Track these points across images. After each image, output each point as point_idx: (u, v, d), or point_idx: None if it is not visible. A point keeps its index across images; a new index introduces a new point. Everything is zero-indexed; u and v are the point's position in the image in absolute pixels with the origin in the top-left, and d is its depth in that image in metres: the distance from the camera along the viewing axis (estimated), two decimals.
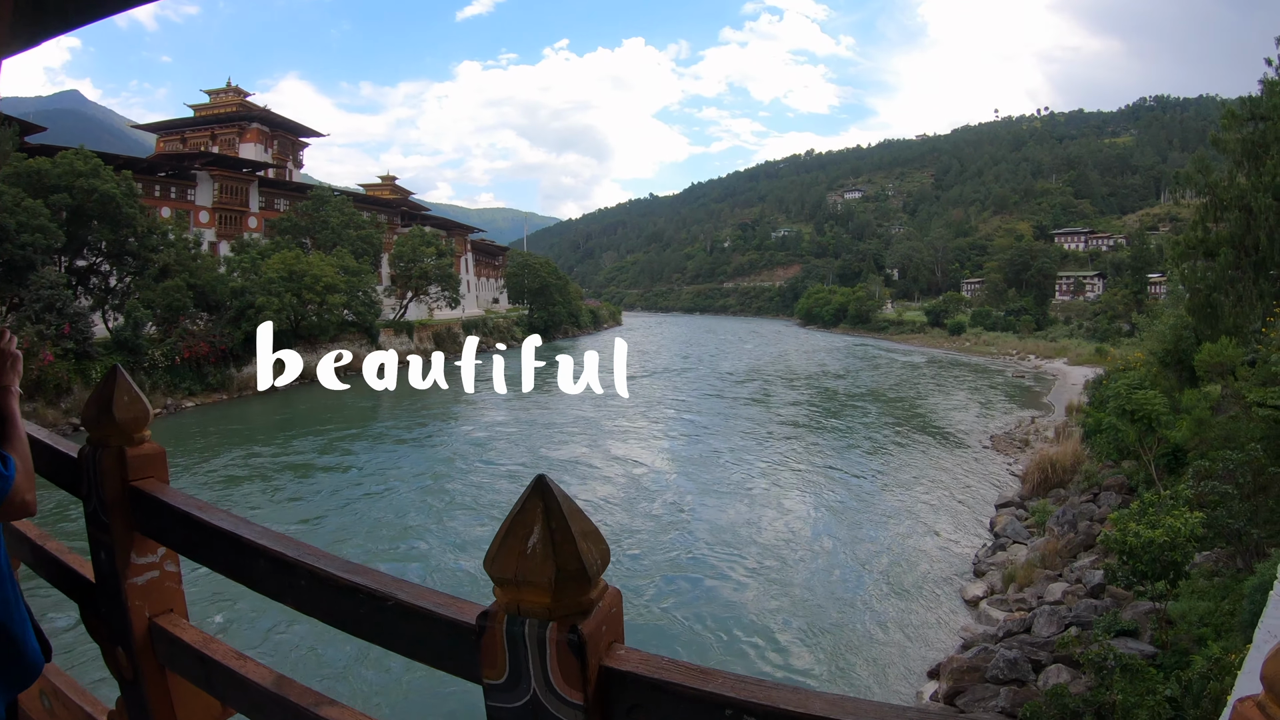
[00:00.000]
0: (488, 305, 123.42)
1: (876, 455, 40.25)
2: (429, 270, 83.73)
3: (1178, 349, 28.55)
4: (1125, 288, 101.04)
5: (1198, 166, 29.68)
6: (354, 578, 2.14)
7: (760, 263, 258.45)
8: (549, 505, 1.65)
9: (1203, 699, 10.51)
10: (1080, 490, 28.29)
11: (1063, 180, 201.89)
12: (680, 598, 22.54)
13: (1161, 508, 15.11)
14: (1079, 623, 17.24)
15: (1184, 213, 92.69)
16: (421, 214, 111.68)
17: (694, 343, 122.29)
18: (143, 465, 2.90)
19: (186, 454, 36.08)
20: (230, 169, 78.04)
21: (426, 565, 24.81)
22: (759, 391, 65.78)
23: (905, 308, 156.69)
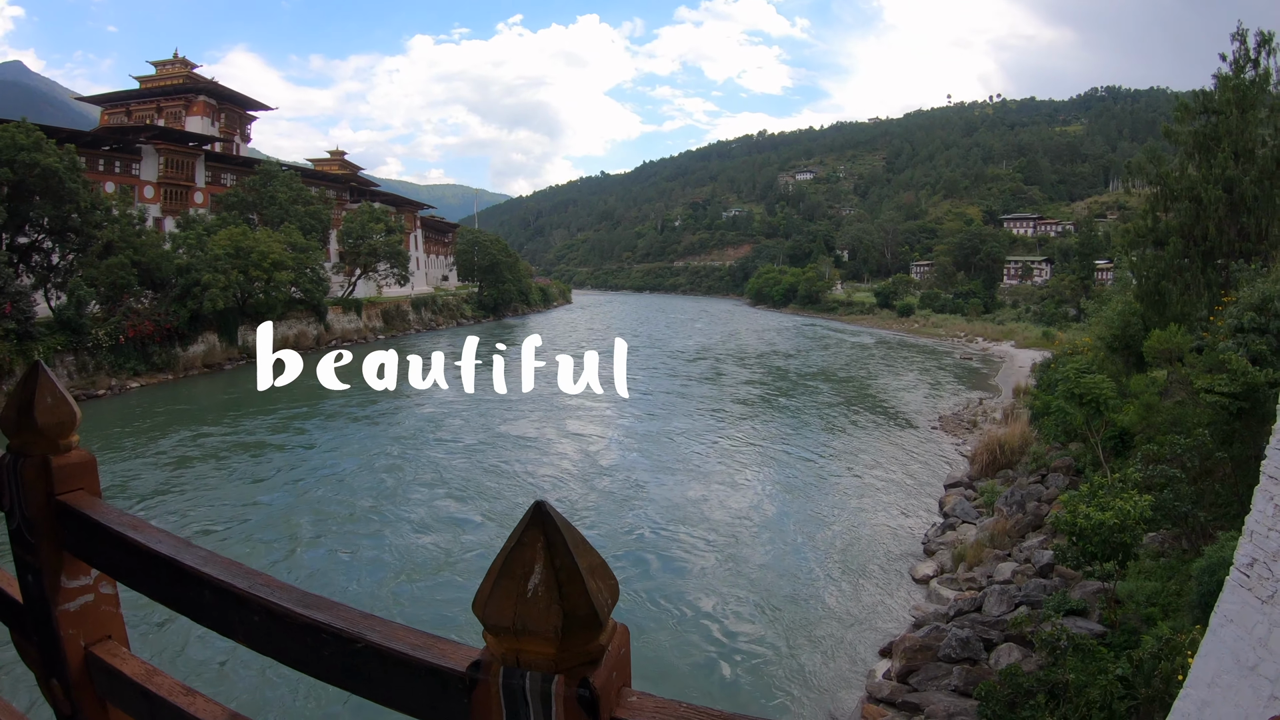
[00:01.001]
0: (437, 283, 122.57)
1: (827, 434, 40.59)
2: (378, 247, 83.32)
3: (1125, 334, 29.01)
4: (1072, 273, 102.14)
5: (1149, 157, 30.18)
6: (315, 614, 1.85)
7: (711, 242, 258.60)
8: (551, 538, 1.41)
9: (1153, 678, 10.73)
10: (1028, 471, 28.71)
11: (1013, 166, 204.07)
12: (638, 574, 22.66)
13: (1111, 490, 15.32)
14: (1029, 602, 17.51)
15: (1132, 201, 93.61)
16: (371, 190, 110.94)
17: (645, 321, 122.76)
18: (70, 476, 2.55)
19: (135, 436, 35.50)
20: (176, 143, 76.39)
21: (381, 544, 24.83)
22: (711, 370, 66.18)
23: (855, 289, 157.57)
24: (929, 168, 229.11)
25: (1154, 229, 29.06)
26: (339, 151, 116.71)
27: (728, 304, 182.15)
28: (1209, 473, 17.14)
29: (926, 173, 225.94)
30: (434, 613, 20.30)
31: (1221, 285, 26.55)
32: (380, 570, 22.97)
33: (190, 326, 53.97)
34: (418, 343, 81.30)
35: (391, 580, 22.34)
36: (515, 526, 1.44)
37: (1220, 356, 17.93)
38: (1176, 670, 10.51)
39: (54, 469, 2.50)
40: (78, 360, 44.39)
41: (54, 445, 2.52)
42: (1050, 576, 18.96)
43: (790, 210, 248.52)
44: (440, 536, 25.68)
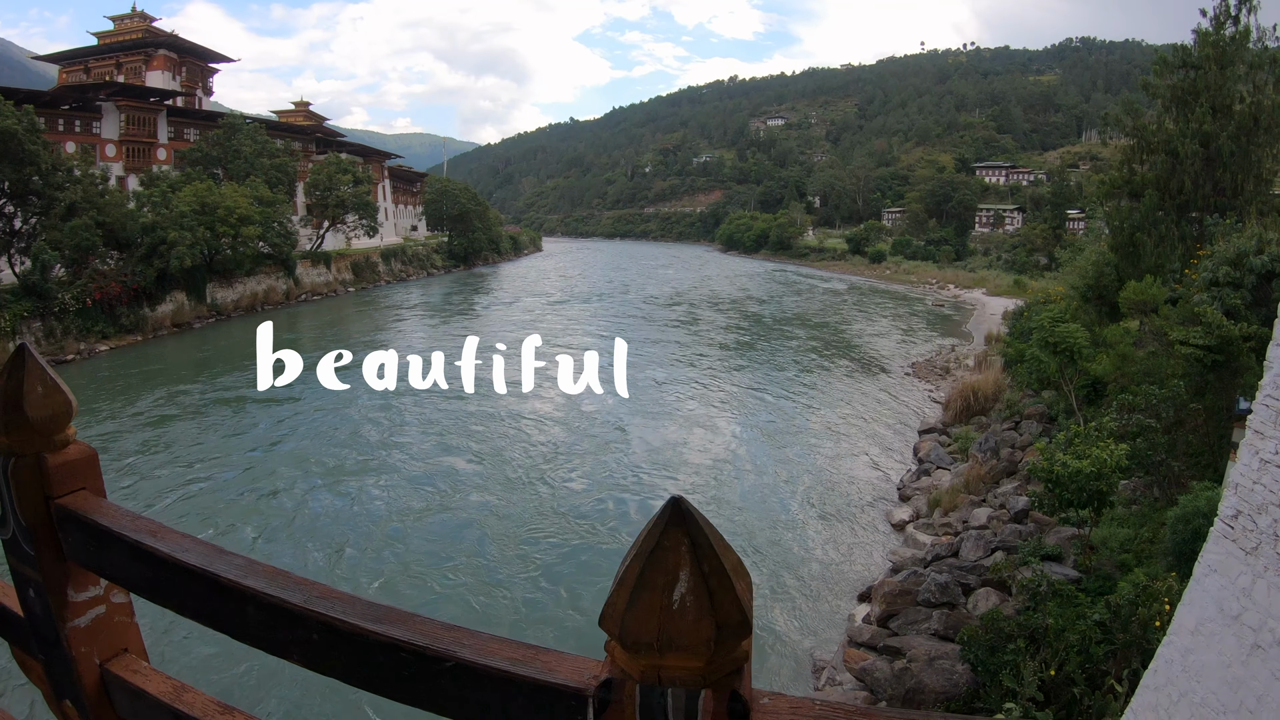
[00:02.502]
0: (406, 233, 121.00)
1: (802, 379, 41.02)
2: (346, 198, 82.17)
3: (1099, 284, 29.37)
4: (1044, 222, 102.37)
5: (1126, 109, 30.43)
6: (391, 630, 1.62)
7: (682, 188, 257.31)
8: (695, 539, 1.24)
9: (1131, 624, 11.05)
10: (1002, 418, 29.15)
11: (986, 115, 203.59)
12: (622, 518, 23.11)
13: (1087, 439, 15.64)
14: (1004, 547, 17.90)
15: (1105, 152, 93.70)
16: (337, 141, 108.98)
17: (617, 268, 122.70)
18: (69, 476, 2.24)
19: (109, 399, 35.23)
20: (137, 99, 74.22)
21: (374, 489, 25.42)
22: (686, 316, 66.49)
23: (827, 235, 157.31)
24: (901, 115, 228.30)
25: (1130, 181, 29.35)
26: (304, 102, 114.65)
27: (699, 250, 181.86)
28: (1181, 423, 17.51)
29: (899, 120, 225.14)
30: (434, 550, 21.08)
31: (1195, 239, 26.91)
32: (376, 515, 23.45)
33: (158, 286, 53.10)
34: (389, 294, 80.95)
35: (388, 522, 22.92)
36: (647, 527, 1.26)
37: (1195, 309, 18.24)
38: (1154, 617, 10.85)
39: (50, 469, 2.20)
40: (45, 326, 43.71)
41: (49, 442, 2.22)
42: (1025, 522, 19.34)
43: (762, 156, 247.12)
44: (432, 479, 26.29)
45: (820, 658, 15.80)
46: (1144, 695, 7.64)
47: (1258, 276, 18.55)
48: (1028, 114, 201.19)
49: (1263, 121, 27.31)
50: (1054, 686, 11.03)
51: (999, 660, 11.52)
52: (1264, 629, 6.06)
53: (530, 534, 22.08)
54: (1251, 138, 27.29)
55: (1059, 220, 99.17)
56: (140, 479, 25.82)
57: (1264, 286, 18.55)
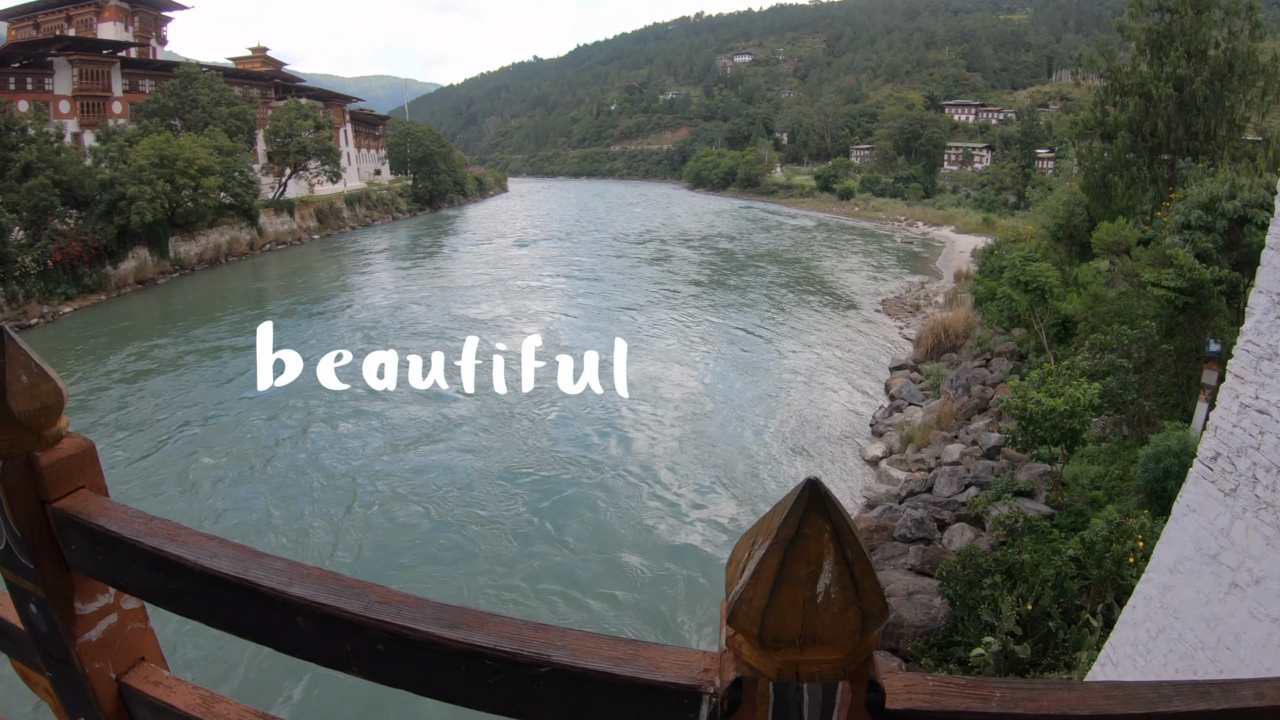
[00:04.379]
0: (370, 177, 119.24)
1: (774, 315, 41.33)
2: (307, 144, 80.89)
3: (1070, 224, 29.54)
4: (1013, 161, 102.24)
5: (1100, 50, 30.48)
6: (473, 636, 1.46)
7: (648, 126, 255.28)
8: (838, 526, 1.13)
9: (1104, 560, 11.36)
10: (972, 356, 29.46)
11: (955, 53, 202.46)
12: (603, 451, 23.56)
13: (1060, 377, 15.88)
14: (978, 483, 18.23)
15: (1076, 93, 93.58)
16: (296, 86, 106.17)
17: (585, 207, 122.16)
18: (65, 475, 1.99)
19: (80, 359, 34.87)
20: (89, 52, 72.47)
21: (366, 422, 26.20)
22: (657, 253, 66.70)
23: (795, 172, 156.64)
24: (870, 51, 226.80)
25: (1103, 122, 29.50)
26: (261, 48, 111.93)
27: (666, 187, 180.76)
28: (1151, 363, 17.82)
29: (867, 56, 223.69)
30: (422, 481, 21.73)
31: (1167, 182, 27.15)
32: (370, 445, 24.22)
33: (119, 243, 52.04)
34: (355, 240, 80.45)
35: (387, 452, 23.59)
36: (782, 514, 1.13)
37: (1167, 252, 18.49)
38: (1128, 553, 11.16)
39: (43, 469, 1.94)
40: (6, 291, 42.86)
41: (39, 439, 1.97)
42: (997, 459, 19.67)
43: (729, 93, 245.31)
44: (415, 415, 26.77)
45: None
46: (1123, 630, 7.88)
47: (1229, 221, 18.80)
48: (998, 52, 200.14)
49: (1237, 67, 27.49)
50: (1030, 620, 11.31)
51: (977, 595, 11.81)
52: (1241, 569, 6.28)
53: (513, 468, 22.48)
54: (1225, 83, 27.47)
55: (1028, 159, 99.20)
56: (126, 433, 25.96)
57: (1235, 231, 18.80)
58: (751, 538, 1.20)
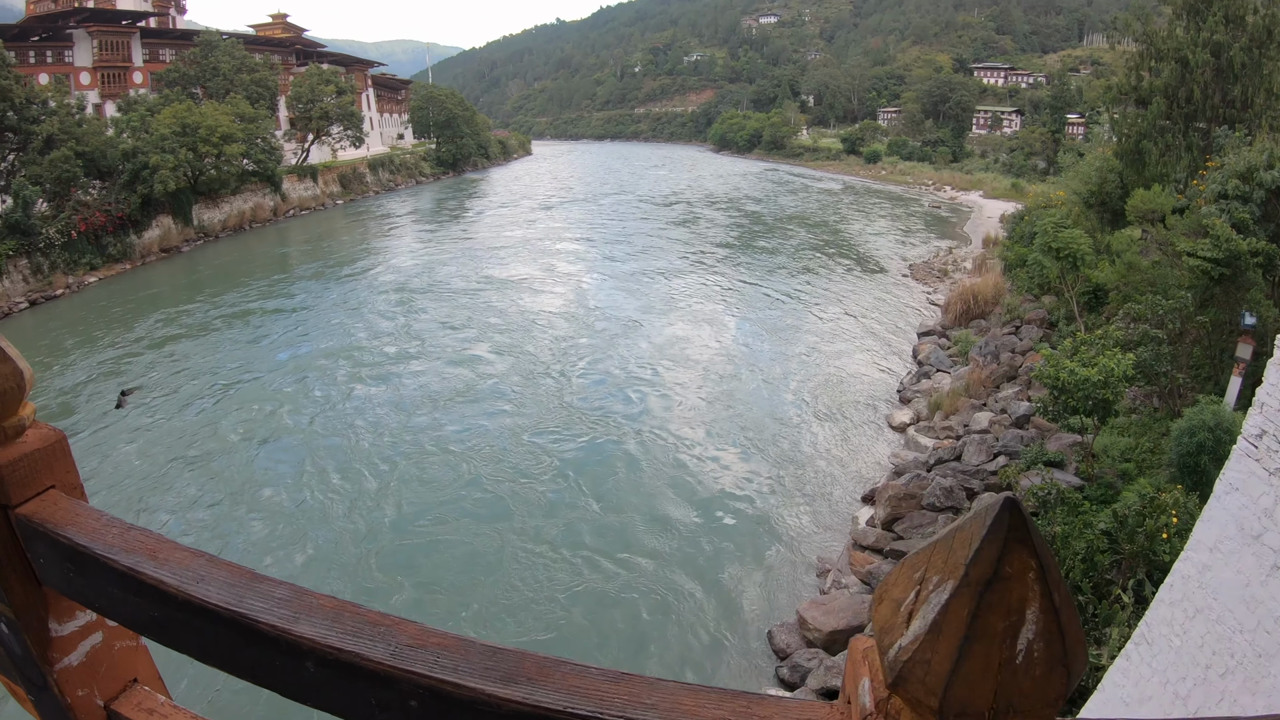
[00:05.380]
0: (393, 142, 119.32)
1: (801, 278, 41.33)
2: (329, 110, 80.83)
3: (1102, 190, 29.16)
4: (1043, 126, 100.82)
5: (1135, 14, 29.91)
6: (534, 694, 1.15)
7: (672, 88, 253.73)
8: (1043, 561, 0.86)
9: (1137, 534, 11.25)
10: (1001, 322, 29.24)
11: (985, 15, 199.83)
12: (632, 411, 23.79)
13: (1093, 346, 15.72)
14: (1007, 452, 18.13)
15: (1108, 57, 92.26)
16: (318, 52, 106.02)
17: (610, 169, 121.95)
18: (29, 474, 1.71)
19: (107, 327, 35.09)
20: (108, 23, 72.37)
21: (397, 383, 26.76)
22: (684, 215, 66.70)
23: (821, 135, 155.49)
24: (898, 13, 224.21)
25: (1137, 87, 29.03)
26: (281, 14, 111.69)
27: (691, 150, 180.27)
28: (1184, 334, 17.64)
29: (895, 18, 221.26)
30: (457, 439, 22.18)
31: (1202, 149, 26.75)
32: (404, 403, 24.79)
33: (143, 212, 52.34)
34: (379, 204, 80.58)
35: (420, 409, 24.23)
36: (974, 548, 0.86)
37: (1203, 221, 18.25)
38: (1161, 529, 11.06)
39: (1, 469, 1.66)
40: (31, 263, 43.04)
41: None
42: (1026, 428, 19.57)
43: (754, 55, 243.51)
44: (448, 375, 27.31)
45: (826, 559, 16.10)
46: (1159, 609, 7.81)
47: (1267, 192, 18.52)
48: (1028, 15, 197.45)
49: (1276, 34, 26.96)
50: None
51: None
52: None
53: (544, 426, 22.85)
54: (1264, 50, 26.95)
55: (1058, 124, 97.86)
56: (157, 396, 26.40)
57: (1273, 202, 18.54)
58: (917, 570, 0.93)
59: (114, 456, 22.14)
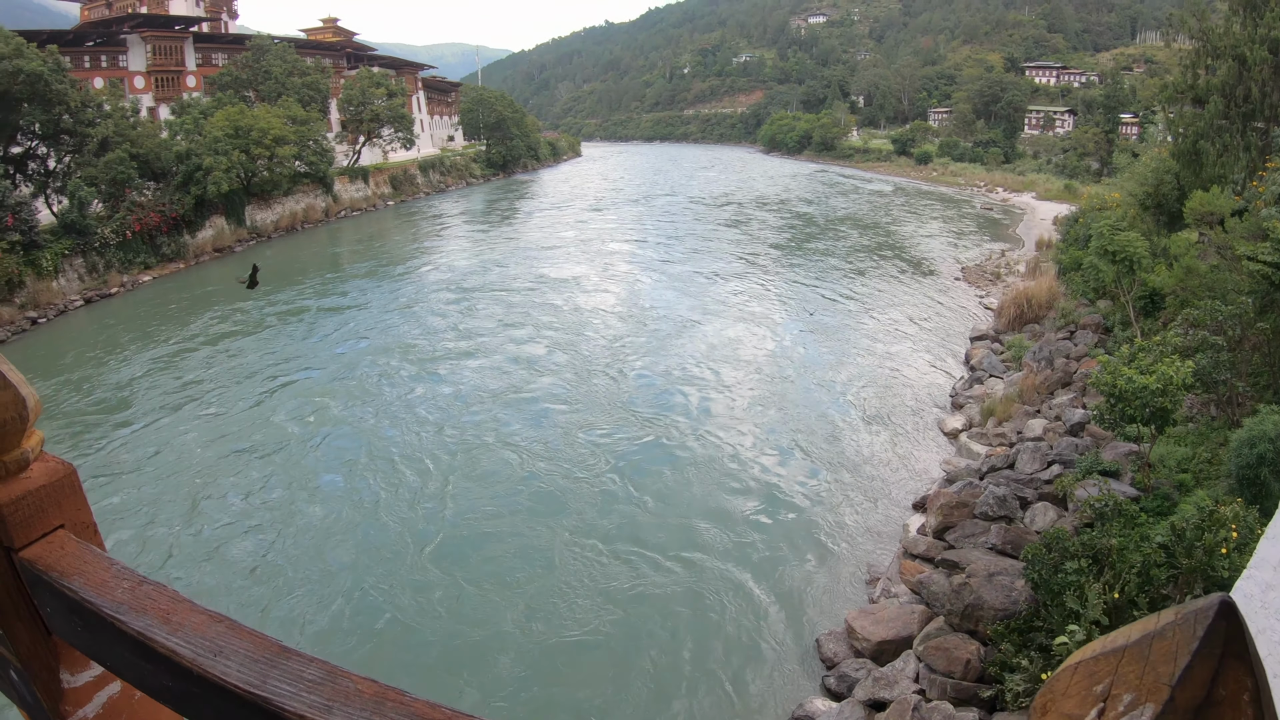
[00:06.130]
0: (443, 144, 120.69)
1: (852, 279, 41.33)
2: (380, 112, 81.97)
3: (1158, 192, 28.72)
4: (1096, 126, 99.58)
5: (1192, 11, 29.39)
6: None
7: (721, 89, 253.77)
8: (1259, 679, 0.70)
9: (1195, 548, 10.96)
10: (1056, 327, 28.81)
11: (1036, 13, 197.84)
12: (684, 411, 23.93)
13: (1151, 353, 15.43)
14: (1061, 461, 17.83)
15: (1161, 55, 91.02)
16: (368, 55, 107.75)
17: (659, 170, 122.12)
18: (34, 514, 1.56)
19: (162, 323, 35.89)
20: (161, 28, 74.03)
21: (457, 378, 27.37)
22: (736, 216, 66.87)
23: (871, 136, 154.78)
24: (948, 11, 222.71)
25: (1194, 86, 28.50)
26: (332, 19, 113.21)
27: (740, 151, 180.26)
28: (1243, 341, 17.26)
29: (945, 17, 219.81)
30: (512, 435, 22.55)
31: (1262, 150, 26.24)
32: (461, 395, 25.48)
33: (196, 213, 53.41)
34: (430, 205, 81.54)
35: (475, 403, 24.76)
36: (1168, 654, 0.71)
37: (1263, 224, 17.89)
38: (1220, 543, 10.78)
39: (2, 508, 1.51)
40: (87, 261, 44.07)
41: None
42: (1081, 435, 19.26)
43: (803, 55, 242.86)
44: (507, 365, 28.15)
45: (875, 567, 15.97)
46: None
47: None
48: (1079, 13, 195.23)
49: None
50: (1115, 609, 11.01)
51: (1062, 580, 11.51)
52: None
53: (596, 423, 23.06)
54: None
55: (1112, 124, 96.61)
56: (216, 390, 27.08)
57: None
58: (1098, 680, 0.75)
59: (175, 444, 22.80)
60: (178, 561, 16.96)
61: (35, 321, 37.95)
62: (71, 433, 23.79)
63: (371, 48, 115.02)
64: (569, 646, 13.92)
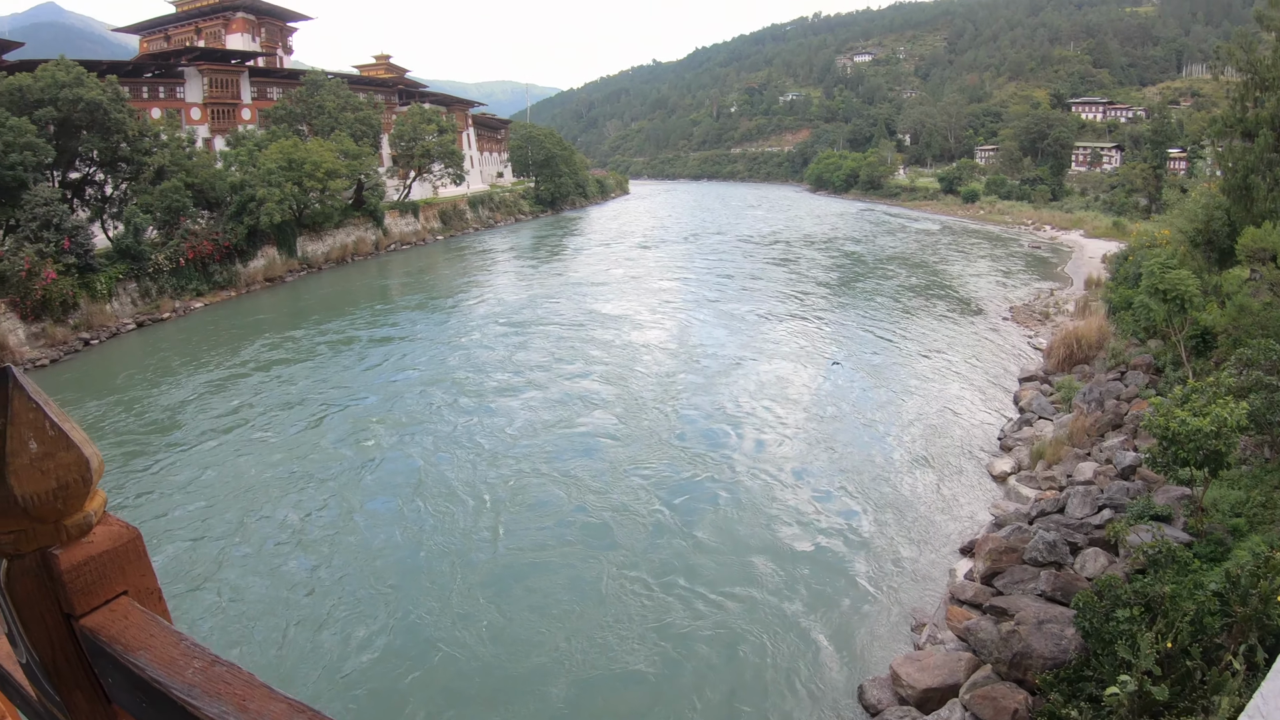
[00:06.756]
0: (492, 180, 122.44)
1: (900, 319, 41.22)
2: (431, 148, 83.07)
3: (1208, 228, 28.27)
4: (1144, 162, 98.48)
5: (1240, 43, 29.04)
6: None
7: (768, 128, 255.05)
8: None
9: (1250, 596, 10.65)
10: (1106, 368, 28.35)
11: (1081, 48, 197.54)
12: (732, 448, 24.07)
13: (1204, 394, 15.12)
14: (1112, 505, 17.49)
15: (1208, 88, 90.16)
16: (420, 91, 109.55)
17: (707, 209, 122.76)
18: (97, 580, 1.46)
19: (213, 349, 36.68)
20: (218, 62, 75.96)
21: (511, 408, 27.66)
22: (784, 255, 67.05)
23: (918, 174, 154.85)
24: (993, 49, 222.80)
25: (1243, 119, 28.08)
26: (384, 56, 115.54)
27: (787, 190, 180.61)
28: None
29: (990, 54, 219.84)
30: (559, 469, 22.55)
31: None
32: (513, 426, 25.76)
33: (249, 242, 54.61)
34: (479, 240, 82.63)
35: (527, 435, 24.97)
36: None
37: None
38: (1275, 591, 10.47)
39: (63, 573, 1.41)
40: (140, 286, 45.23)
41: (57, 531, 1.43)
42: (1132, 479, 18.88)
43: (849, 94, 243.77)
44: (558, 398, 28.45)
45: (921, 612, 15.71)
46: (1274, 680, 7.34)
47: None
48: (1124, 47, 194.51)
49: None
50: (1168, 659, 10.72)
51: (1113, 629, 11.22)
52: None
53: (646, 459, 23.11)
54: None
55: (1160, 160, 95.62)
56: (268, 414, 27.69)
57: None
58: None
59: (225, 464, 23.38)
60: (227, 574, 17.34)
61: (88, 342, 39.11)
62: (122, 451, 24.27)
63: (423, 84, 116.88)
64: (613, 680, 13.94)
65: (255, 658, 14.38)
